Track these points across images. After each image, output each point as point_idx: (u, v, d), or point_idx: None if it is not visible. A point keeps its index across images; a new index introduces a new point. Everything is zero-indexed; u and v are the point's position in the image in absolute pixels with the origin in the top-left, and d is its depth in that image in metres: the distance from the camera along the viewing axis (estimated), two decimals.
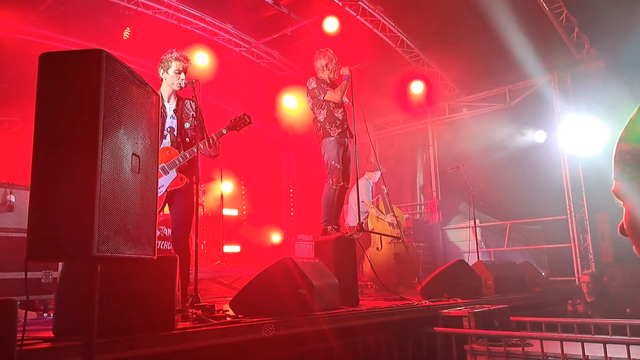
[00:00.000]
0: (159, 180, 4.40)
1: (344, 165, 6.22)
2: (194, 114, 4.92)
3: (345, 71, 6.29)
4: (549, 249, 10.31)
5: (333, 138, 6.17)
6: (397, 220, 8.47)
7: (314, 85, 6.30)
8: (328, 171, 6.19)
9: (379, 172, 8.67)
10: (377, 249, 8.32)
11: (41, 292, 5.09)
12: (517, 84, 10.42)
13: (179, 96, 5.03)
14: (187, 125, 4.93)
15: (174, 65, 4.90)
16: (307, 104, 6.48)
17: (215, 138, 4.86)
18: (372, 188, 8.84)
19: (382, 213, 8.53)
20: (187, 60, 5.02)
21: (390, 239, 8.30)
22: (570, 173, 9.41)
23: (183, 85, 4.89)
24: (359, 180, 6.49)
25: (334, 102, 6.25)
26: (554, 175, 9.62)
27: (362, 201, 8.05)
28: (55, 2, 8.24)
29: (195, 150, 4.76)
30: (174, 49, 5.06)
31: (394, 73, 10.52)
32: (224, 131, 5.02)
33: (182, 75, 4.91)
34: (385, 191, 8.68)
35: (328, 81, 6.39)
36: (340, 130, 6.21)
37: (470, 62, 10.27)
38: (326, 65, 6.42)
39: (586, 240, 9.16)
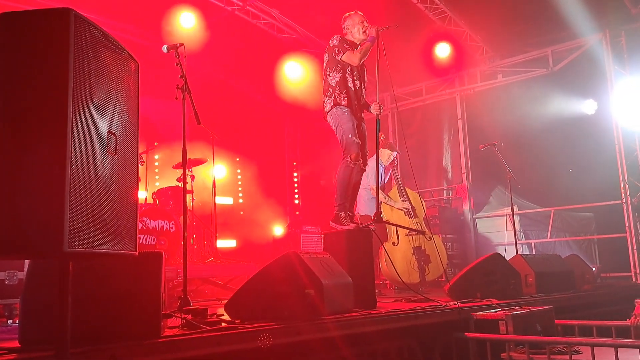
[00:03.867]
0: None
1: (361, 141, 6.08)
2: None
3: (371, 32, 6.18)
4: (600, 239, 10.27)
5: (346, 109, 6.03)
6: (412, 207, 8.41)
7: (335, 42, 6.23)
8: (344, 147, 6.00)
9: (394, 153, 8.58)
10: (394, 243, 8.25)
11: (5, 295, 5.12)
12: (561, 44, 10.32)
13: None
14: None
15: None
16: (321, 64, 6.42)
17: None
18: (382, 171, 8.70)
19: (391, 199, 8.47)
20: None
21: (407, 231, 8.25)
22: (626, 149, 9.31)
23: None
24: (369, 161, 6.45)
25: (350, 67, 6.18)
26: (606, 153, 9.54)
27: (370, 186, 8.02)
28: None
29: None
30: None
31: (415, 34, 10.36)
32: None
33: None
34: (398, 175, 8.62)
35: (357, 43, 6.32)
36: (348, 102, 6.08)
37: (505, 20, 10.12)
38: (348, 28, 6.39)
39: None
